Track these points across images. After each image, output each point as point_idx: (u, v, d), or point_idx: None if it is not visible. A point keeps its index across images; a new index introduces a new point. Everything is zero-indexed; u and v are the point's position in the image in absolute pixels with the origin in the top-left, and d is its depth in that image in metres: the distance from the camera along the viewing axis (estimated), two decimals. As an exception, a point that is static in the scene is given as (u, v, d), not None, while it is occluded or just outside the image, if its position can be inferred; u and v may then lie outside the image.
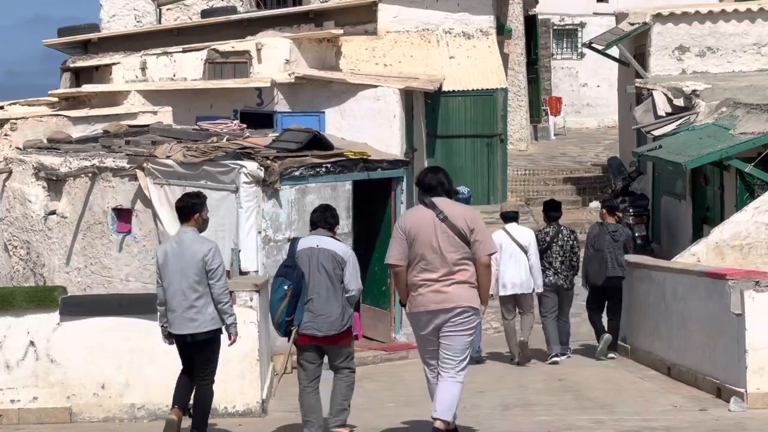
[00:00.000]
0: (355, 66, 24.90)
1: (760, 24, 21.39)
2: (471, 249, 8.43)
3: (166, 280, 8.97)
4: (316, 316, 8.81)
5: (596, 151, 29.39)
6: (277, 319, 8.82)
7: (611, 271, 14.02)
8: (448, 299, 8.41)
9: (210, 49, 22.47)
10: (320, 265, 8.85)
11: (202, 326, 8.91)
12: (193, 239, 9.04)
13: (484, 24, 26.21)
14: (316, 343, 8.89)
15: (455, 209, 8.56)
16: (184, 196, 9.39)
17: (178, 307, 8.93)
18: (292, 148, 13.89)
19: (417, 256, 8.45)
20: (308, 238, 9.09)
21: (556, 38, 37.05)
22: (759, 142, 14.62)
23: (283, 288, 8.79)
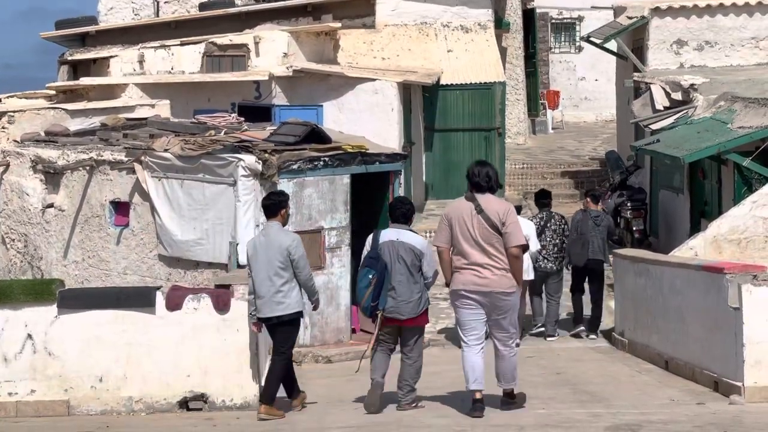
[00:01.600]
0: (353, 59, 24.89)
1: (758, 18, 21.36)
2: (503, 239, 9.52)
3: (255, 269, 10.04)
4: (398, 301, 9.89)
5: (594, 145, 29.40)
6: (364, 303, 9.93)
7: (592, 253, 14.98)
8: (486, 284, 9.57)
9: (208, 42, 22.47)
10: (400, 256, 9.90)
11: (288, 308, 10.05)
12: (278, 232, 10.13)
13: (482, 17, 26.18)
14: (398, 325, 9.97)
15: (492, 203, 9.61)
16: (271, 195, 10.53)
17: (266, 293, 10.00)
18: (290, 142, 13.89)
19: (457, 242, 9.61)
20: (388, 231, 10.08)
21: (554, 32, 37.03)
22: (757, 136, 14.60)
23: (368, 277, 9.87)
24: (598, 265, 15.13)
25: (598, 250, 15.06)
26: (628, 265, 13.91)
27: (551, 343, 14.67)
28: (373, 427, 9.50)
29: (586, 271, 15.18)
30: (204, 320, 10.41)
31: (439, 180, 24.44)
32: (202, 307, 10.41)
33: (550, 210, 15.42)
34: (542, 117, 32.94)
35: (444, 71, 24.53)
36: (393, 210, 10.26)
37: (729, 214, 14.35)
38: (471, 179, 9.76)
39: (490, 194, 9.66)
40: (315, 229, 13.63)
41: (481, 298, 9.62)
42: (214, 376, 10.39)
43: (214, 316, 10.42)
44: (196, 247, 13.63)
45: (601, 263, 15.14)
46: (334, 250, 13.76)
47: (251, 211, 13.36)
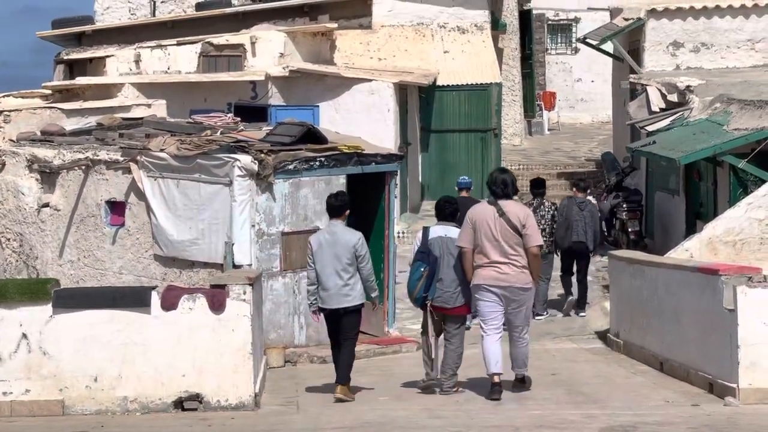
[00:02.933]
0: (350, 60, 24.91)
1: (754, 20, 21.40)
2: (522, 240, 10.54)
3: (320, 263, 10.90)
4: (445, 292, 10.84)
5: (590, 147, 29.42)
6: (416, 294, 10.88)
7: (576, 236, 16.22)
8: (506, 279, 10.61)
9: (204, 42, 22.48)
10: (449, 250, 10.84)
11: (354, 300, 10.95)
12: (344, 231, 11.03)
13: (479, 19, 26.21)
14: (444, 312, 10.92)
15: (512, 207, 10.69)
16: (336, 196, 11.28)
17: (333, 286, 10.89)
18: (285, 142, 13.88)
19: (480, 242, 10.60)
20: (437, 227, 11.05)
21: (550, 33, 37.06)
22: (752, 138, 14.63)
23: (420, 270, 10.83)
24: (583, 247, 16.29)
25: (583, 233, 16.24)
26: (624, 267, 13.92)
27: (546, 344, 14.67)
28: (368, 428, 9.51)
29: (572, 253, 16.32)
30: (199, 320, 10.40)
31: (435, 181, 24.46)
32: (197, 307, 10.40)
33: (541, 198, 16.43)
34: (538, 118, 32.97)
35: (440, 72, 24.56)
36: (441, 209, 11.22)
37: (724, 215, 14.38)
38: (490, 186, 10.90)
39: (508, 199, 10.74)
40: (311, 229, 13.60)
41: (501, 291, 10.64)
42: (209, 376, 10.37)
43: (209, 316, 10.41)
44: (191, 247, 13.62)
45: (585, 245, 16.27)
46: (329, 251, 13.74)
47: (247, 211, 13.35)
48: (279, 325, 13.52)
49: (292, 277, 13.60)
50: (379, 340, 14.37)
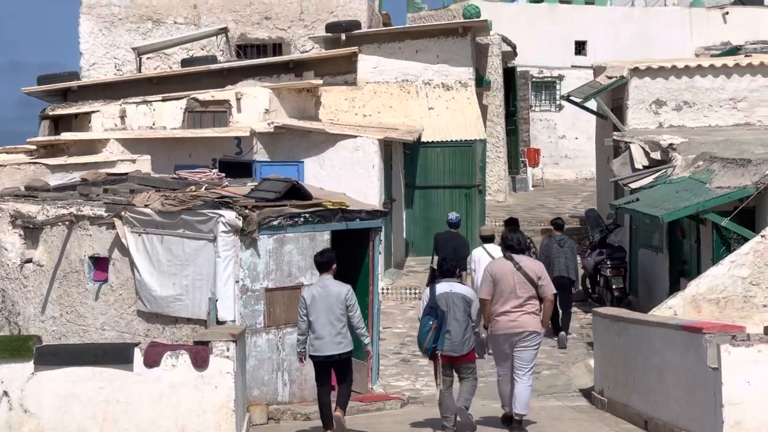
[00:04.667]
0: (335, 116, 25.01)
1: (736, 79, 21.58)
2: (537, 291, 11.87)
3: (314, 315, 11.77)
4: (453, 342, 11.81)
5: (574, 203, 29.49)
6: (426, 345, 11.85)
7: (557, 271, 17.57)
8: (520, 326, 11.84)
9: (190, 98, 22.54)
10: (455, 305, 11.83)
11: (346, 347, 11.86)
12: (334, 283, 11.91)
13: (463, 76, 26.38)
14: (453, 361, 11.91)
15: (527, 262, 12.09)
16: (321, 254, 12.21)
17: (327, 334, 11.75)
18: (270, 198, 13.88)
19: (499, 293, 11.85)
20: (442, 284, 11.99)
21: (534, 90, 37.28)
22: (735, 196, 14.69)
23: (429, 323, 11.79)
24: (566, 281, 17.75)
25: (564, 268, 17.90)
26: (608, 324, 13.91)
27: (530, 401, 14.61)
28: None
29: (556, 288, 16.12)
30: (182, 377, 10.35)
31: (419, 237, 24.46)
32: (180, 364, 10.36)
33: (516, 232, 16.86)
34: (523, 174, 33.06)
35: (425, 128, 24.67)
36: (443, 268, 12.29)
37: (708, 273, 14.40)
38: (506, 242, 12.32)
39: (522, 254, 12.16)
40: (295, 285, 13.60)
41: (515, 336, 11.87)
42: (191, 434, 10.30)
43: (192, 372, 10.36)
44: (175, 302, 13.57)
45: (566, 279, 17.83)
46: (313, 307, 13.69)
47: (231, 267, 13.31)
48: (262, 382, 13.45)
49: (275, 333, 13.55)
50: (363, 397, 14.29)
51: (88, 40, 30.86)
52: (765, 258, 14.32)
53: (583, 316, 19.09)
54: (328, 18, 29.73)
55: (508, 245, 12.25)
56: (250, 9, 30.72)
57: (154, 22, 30.91)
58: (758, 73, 21.56)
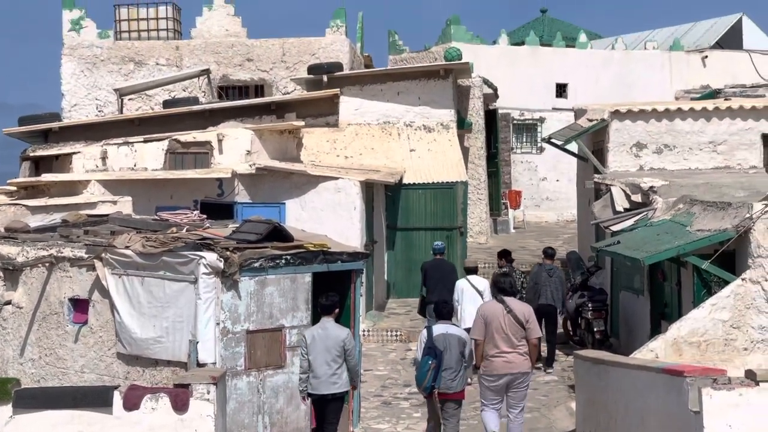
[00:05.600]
0: (317, 157, 25.06)
1: (716, 123, 21.72)
2: (525, 333, 12.56)
3: (313, 354, 12.51)
4: (449, 380, 12.75)
5: (555, 246, 29.46)
6: (425, 384, 12.73)
7: (543, 299, 18.61)
8: (513, 367, 12.61)
9: (171, 139, 22.55)
10: (451, 345, 12.74)
11: (341, 387, 12.60)
12: (334, 327, 12.64)
13: (445, 118, 26.51)
14: (448, 398, 12.83)
15: (517, 305, 12.77)
16: (328, 296, 12.87)
17: (323, 374, 12.49)
18: (251, 240, 13.86)
19: (490, 335, 12.57)
20: (439, 326, 12.93)
21: (516, 132, 37.47)
22: (715, 239, 14.72)
23: (429, 363, 12.67)
24: (551, 309, 18.66)
25: (551, 297, 18.71)
26: (590, 367, 13.89)
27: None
28: None
29: (542, 314, 17.87)
30: (162, 420, 10.25)
31: (401, 279, 24.45)
32: (160, 406, 10.27)
33: (511, 265, 19.40)
34: (504, 216, 33.15)
35: (406, 170, 24.73)
36: (439, 310, 13.19)
37: (689, 316, 14.42)
38: (497, 286, 13.05)
39: (512, 297, 12.86)
40: (276, 327, 13.55)
41: (506, 377, 12.61)
42: (170, 479, 10.20)
43: (172, 416, 10.26)
44: (155, 345, 13.49)
45: (553, 308, 18.69)
46: (294, 349, 13.65)
47: (212, 308, 13.25)
48: (243, 425, 13.36)
49: (256, 375, 13.48)
50: (344, 441, 14.21)
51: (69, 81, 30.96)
52: (745, 301, 14.36)
53: (565, 358, 19.07)
54: (310, 60, 29.91)
55: (500, 288, 12.97)
56: (232, 51, 30.87)
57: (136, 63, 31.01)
58: (737, 116, 21.72)
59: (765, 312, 14.34)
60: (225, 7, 31.71)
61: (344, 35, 31.02)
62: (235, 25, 31.58)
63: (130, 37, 31.43)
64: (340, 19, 31.05)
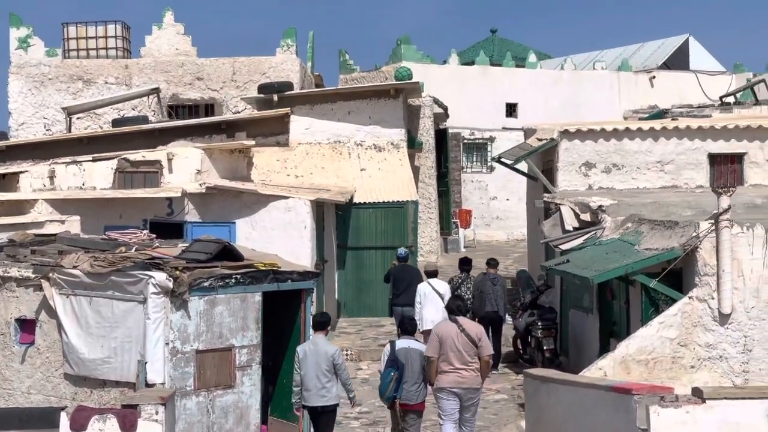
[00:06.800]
0: (267, 176, 25.02)
1: (663, 142, 21.92)
2: (477, 350, 13.27)
3: (304, 369, 13.21)
4: (409, 392, 13.50)
5: (505, 264, 29.61)
6: (387, 394, 13.47)
7: (489, 306, 19.65)
8: (464, 382, 13.30)
9: (120, 158, 22.42)
10: (412, 359, 13.49)
11: (330, 401, 13.27)
12: (324, 343, 13.40)
13: (395, 137, 26.56)
14: (408, 409, 13.57)
15: (469, 325, 13.57)
16: (321, 314, 13.89)
17: (313, 387, 13.17)
18: (201, 259, 13.79)
19: (445, 352, 13.28)
20: (402, 341, 13.73)
21: (466, 152, 37.63)
22: (663, 257, 14.84)
23: (391, 374, 13.43)
24: (496, 315, 19.72)
25: (495, 304, 19.69)
26: (539, 385, 13.93)
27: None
28: None
29: (487, 321, 19.25)
30: (109, 442, 10.17)
31: (351, 298, 24.43)
32: (107, 428, 10.19)
33: (468, 273, 20.32)
34: (454, 235, 33.24)
35: (357, 189, 24.74)
36: (404, 326, 14.04)
37: (637, 334, 14.52)
38: (449, 308, 13.90)
39: (464, 316, 13.69)
40: (226, 347, 13.48)
41: (459, 391, 13.29)
42: (118, 500, 10.12)
43: (120, 437, 10.18)
44: (103, 365, 13.38)
45: (497, 314, 19.72)
46: (244, 369, 13.60)
47: (161, 328, 13.16)
48: (192, 446, 13.26)
49: (206, 395, 13.39)
50: (294, 461, 14.16)
51: (17, 100, 30.72)
52: (692, 319, 14.49)
53: (515, 377, 19.13)
54: (261, 79, 29.89)
55: (451, 310, 13.77)
56: (182, 70, 30.78)
57: (85, 82, 30.83)
58: (684, 136, 21.93)
59: (712, 330, 14.48)
60: (175, 26, 31.64)
61: (295, 54, 31.05)
62: (185, 44, 31.51)
63: (78, 56, 31.26)
64: (290, 39, 31.07)
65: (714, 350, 14.48)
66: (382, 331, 22.63)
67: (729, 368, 14.48)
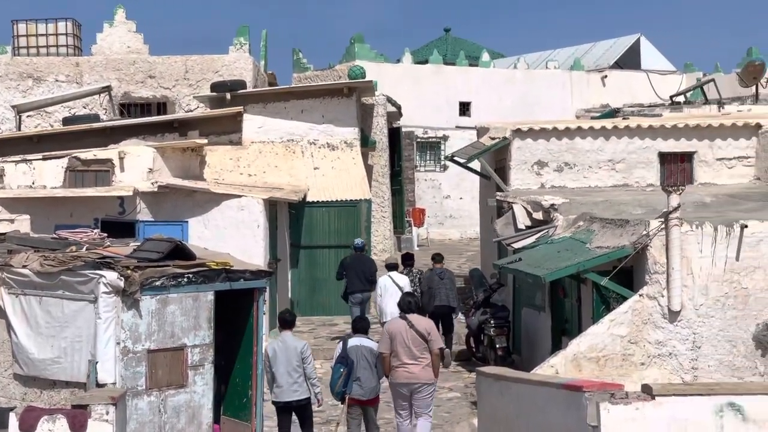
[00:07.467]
0: (220, 175, 24.93)
1: (614, 141, 22.06)
2: (428, 345, 13.74)
3: (275, 366, 13.73)
4: (362, 387, 13.89)
5: (459, 263, 29.72)
6: (337, 389, 13.91)
7: (438, 301, 20.15)
8: (416, 377, 13.77)
9: (71, 156, 22.25)
10: (364, 356, 13.91)
11: (302, 394, 13.78)
12: (293, 339, 13.94)
13: (349, 136, 26.56)
14: (360, 404, 14.00)
15: (419, 321, 14.01)
16: (289, 312, 14.49)
17: (285, 383, 13.69)
18: (153, 258, 13.72)
19: (395, 348, 13.77)
20: (353, 339, 14.09)
21: (419, 150, 37.70)
22: (614, 256, 14.94)
23: (340, 370, 13.85)
24: (446, 309, 20.19)
25: (445, 298, 20.17)
26: (492, 383, 13.97)
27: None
28: None
29: (438, 315, 19.84)
30: (59, 442, 10.10)
31: (305, 297, 24.40)
32: (57, 428, 10.12)
33: (411, 268, 21.16)
34: (408, 234, 33.27)
35: (310, 188, 24.71)
36: (356, 325, 14.50)
37: (588, 332, 14.62)
38: (400, 305, 14.33)
39: (415, 314, 14.04)
40: (178, 346, 13.42)
41: (411, 385, 13.77)
42: (68, 501, 10.05)
43: (70, 437, 10.12)
44: (53, 365, 13.27)
45: (446, 307, 20.18)
46: (197, 368, 13.54)
47: (112, 328, 13.08)
48: (143, 446, 13.19)
49: (158, 395, 13.32)
50: (247, 459, 14.13)
51: (-34, 98, 30.38)
52: (642, 316, 14.61)
53: (467, 375, 19.19)
54: (213, 77, 29.77)
55: (401, 307, 14.20)
56: (134, 68, 30.60)
57: (35, 79, 30.58)
58: (635, 135, 22.08)
59: (661, 327, 14.61)
60: (126, 24, 31.44)
61: (248, 53, 30.95)
62: (137, 42, 31.32)
63: (28, 53, 30.97)
64: (243, 37, 30.97)
65: (664, 347, 14.61)
66: (336, 330, 22.61)
67: (678, 365, 14.62)
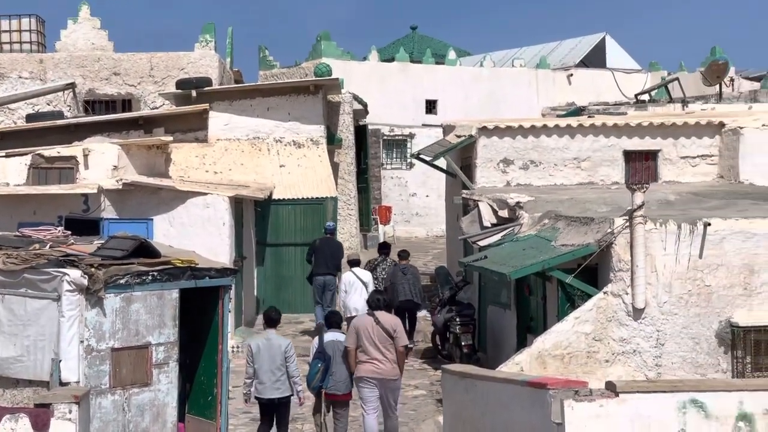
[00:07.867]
0: (185, 173, 24.84)
1: (579, 139, 22.13)
2: (393, 342, 14.08)
3: (258, 363, 14.02)
4: (337, 382, 14.28)
5: (425, 261, 29.76)
6: (314, 384, 14.23)
7: (402, 296, 20.55)
8: (382, 373, 14.09)
9: (35, 153, 22.10)
10: (339, 351, 14.26)
11: (285, 392, 14.05)
12: (277, 337, 14.23)
13: (315, 133, 26.54)
14: (335, 399, 14.38)
15: (386, 318, 14.31)
16: (275, 310, 14.58)
17: (268, 380, 13.98)
18: (117, 256, 13.64)
19: (362, 344, 14.11)
20: (329, 334, 14.49)
21: (385, 148, 37.72)
22: (579, 253, 14.99)
23: (318, 365, 14.19)
24: (410, 304, 20.68)
25: (409, 293, 20.66)
26: (457, 381, 14.00)
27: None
28: None
29: (403, 310, 20.22)
30: (22, 442, 10.04)
31: (270, 294, 24.35)
32: (19, 427, 10.06)
33: (385, 257, 21.85)
34: (374, 232, 33.28)
35: (276, 186, 24.68)
36: (329, 320, 14.88)
37: (553, 329, 14.67)
38: (368, 302, 14.79)
39: (382, 311, 14.33)
40: (142, 344, 13.35)
41: (377, 381, 14.08)
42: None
43: (32, 437, 10.06)
44: (15, 364, 13.17)
45: (411, 302, 20.66)
46: (161, 366, 13.48)
47: (75, 326, 12.99)
48: (107, 445, 13.12)
49: (122, 394, 13.25)
50: (212, 458, 14.07)
51: (-72, 94, 30.11)
52: (607, 314, 14.68)
53: (433, 372, 19.21)
54: (179, 74, 29.66)
55: (369, 304, 14.58)
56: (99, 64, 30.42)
57: (-2, 76, 30.31)
58: (600, 133, 22.17)
59: (626, 324, 14.68)
60: (91, 20, 31.25)
61: (213, 50, 30.84)
62: (101, 39, 31.14)
63: (-8, 50, 30.72)
64: (209, 34, 30.86)
65: (628, 345, 14.68)
66: (301, 328, 22.59)
67: (642, 362, 14.69)
